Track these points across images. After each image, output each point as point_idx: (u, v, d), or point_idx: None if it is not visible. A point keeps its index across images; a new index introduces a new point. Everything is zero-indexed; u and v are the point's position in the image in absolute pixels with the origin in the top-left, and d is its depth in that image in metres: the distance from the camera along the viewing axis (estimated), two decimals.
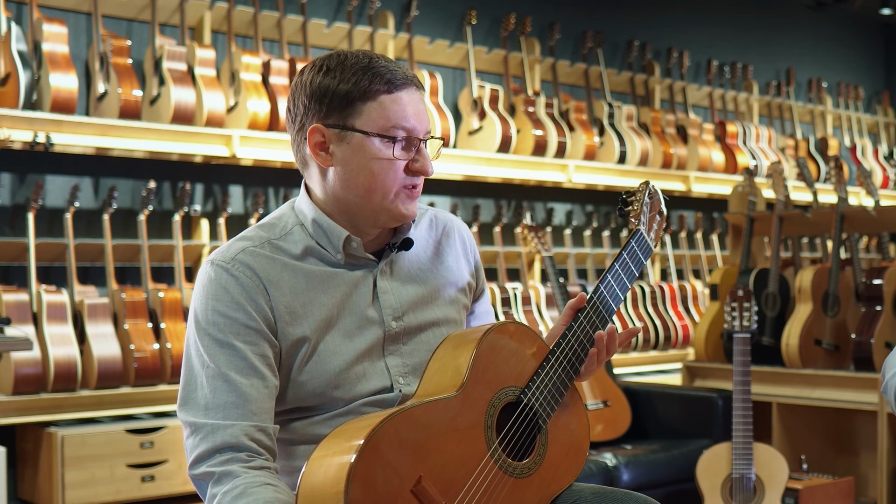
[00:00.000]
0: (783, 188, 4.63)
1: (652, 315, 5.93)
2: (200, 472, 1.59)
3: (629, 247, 1.85)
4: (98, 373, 4.04)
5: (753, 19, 7.82)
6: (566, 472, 1.73)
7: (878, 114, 8.62)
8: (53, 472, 3.87)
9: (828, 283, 4.28)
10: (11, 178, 4.38)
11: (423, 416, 1.55)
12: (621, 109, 6.22)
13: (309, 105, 1.68)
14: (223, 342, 1.62)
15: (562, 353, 1.73)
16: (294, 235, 1.72)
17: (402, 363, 1.71)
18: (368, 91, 1.66)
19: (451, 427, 1.58)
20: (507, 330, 1.70)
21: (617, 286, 1.81)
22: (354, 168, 1.67)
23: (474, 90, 5.58)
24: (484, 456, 1.60)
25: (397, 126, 1.67)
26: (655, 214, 1.95)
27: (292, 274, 1.68)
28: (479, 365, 1.64)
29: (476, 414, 1.61)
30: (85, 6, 4.51)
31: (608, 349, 1.77)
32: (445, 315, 1.78)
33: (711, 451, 3.75)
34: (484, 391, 1.63)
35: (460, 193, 5.89)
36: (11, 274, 4.31)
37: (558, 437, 1.71)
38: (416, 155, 1.70)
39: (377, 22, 5.42)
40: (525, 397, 1.67)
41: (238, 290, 1.64)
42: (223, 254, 1.68)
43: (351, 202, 1.69)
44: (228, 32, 4.81)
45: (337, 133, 1.67)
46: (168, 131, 4.41)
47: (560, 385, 1.71)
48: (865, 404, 4.05)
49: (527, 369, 1.70)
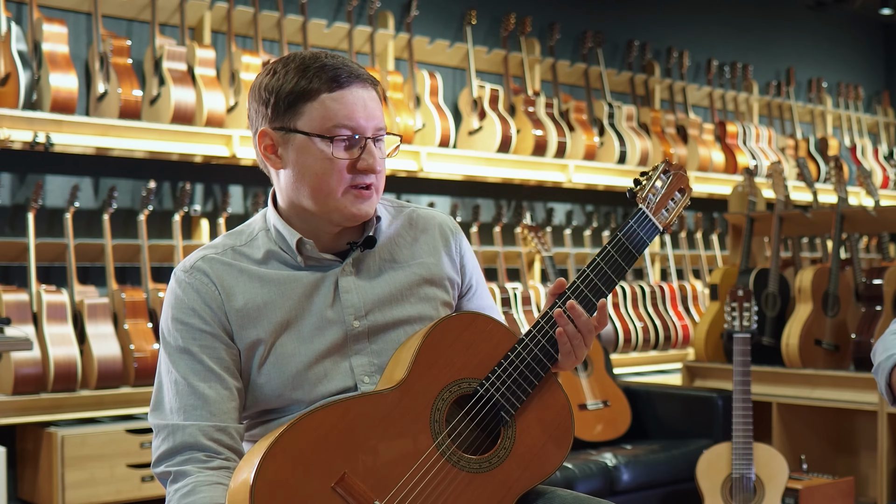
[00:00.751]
0: (783, 188, 4.63)
1: (652, 315, 5.93)
2: (160, 471, 1.63)
3: (627, 227, 1.76)
4: (98, 373, 4.04)
5: (753, 19, 7.82)
6: (540, 466, 1.65)
7: (878, 114, 8.61)
8: (53, 472, 3.87)
9: (828, 283, 4.28)
10: (11, 178, 4.38)
11: (347, 413, 1.54)
12: (621, 109, 6.22)
13: (258, 108, 1.69)
14: (182, 348, 1.66)
15: (531, 341, 1.67)
16: (258, 241, 1.74)
17: (368, 362, 1.69)
18: (308, 90, 1.64)
19: (387, 421, 1.56)
20: (461, 321, 1.67)
21: (610, 268, 1.73)
22: (300, 170, 1.67)
23: (474, 90, 5.58)
24: (428, 447, 1.57)
25: (339, 125, 1.65)
26: (674, 192, 1.85)
27: (248, 279, 1.69)
28: (425, 358, 1.61)
29: (419, 407, 1.59)
30: (85, 6, 4.51)
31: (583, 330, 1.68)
32: (419, 312, 1.74)
33: (711, 451, 3.75)
34: (430, 384, 1.61)
35: (460, 193, 5.89)
36: (11, 274, 4.31)
37: (529, 427, 1.66)
38: (361, 153, 1.67)
39: (377, 22, 5.42)
40: (482, 388, 1.63)
41: (194, 297, 1.68)
42: (184, 264, 1.72)
43: (304, 204, 1.69)
44: (228, 32, 4.81)
45: (282, 135, 1.67)
46: (168, 131, 4.41)
47: (529, 374, 1.65)
48: (865, 404, 4.05)
49: (488, 360, 1.66)
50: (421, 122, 5.31)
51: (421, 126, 5.31)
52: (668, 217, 1.82)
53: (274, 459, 1.47)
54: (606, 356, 4.42)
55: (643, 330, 5.83)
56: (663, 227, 1.82)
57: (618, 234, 1.75)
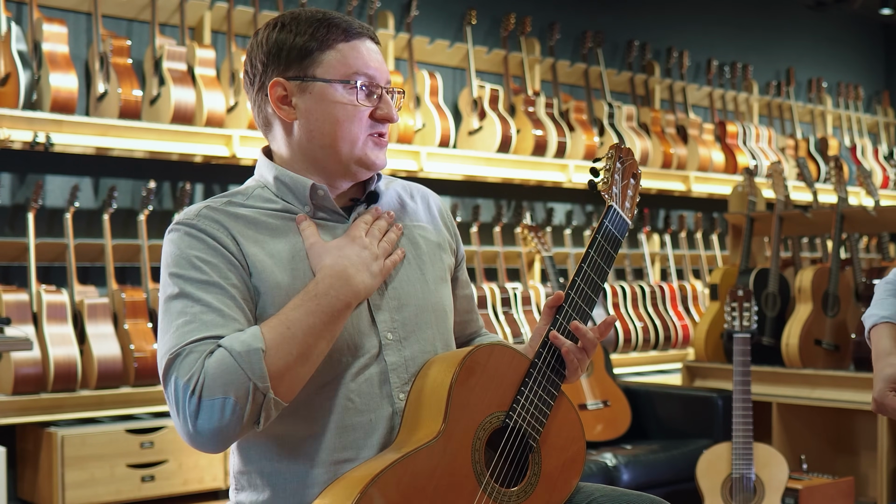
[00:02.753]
0: (783, 188, 4.63)
1: (652, 315, 5.93)
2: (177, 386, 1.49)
3: (603, 228, 1.74)
4: (98, 373, 4.04)
5: (753, 19, 7.82)
6: (566, 481, 1.69)
7: (878, 114, 8.61)
8: (53, 472, 3.87)
9: (828, 283, 4.28)
10: (11, 178, 4.38)
11: (407, 471, 1.52)
12: (621, 109, 6.22)
13: (267, 62, 1.66)
14: (211, 283, 1.55)
15: (543, 363, 1.67)
16: (257, 198, 1.67)
17: (390, 318, 1.66)
18: (326, 40, 1.64)
19: (438, 472, 1.54)
20: (482, 353, 1.64)
21: (595, 274, 1.73)
22: (319, 117, 1.64)
23: (474, 90, 5.58)
24: (476, 493, 1.57)
25: (358, 73, 1.64)
26: (629, 180, 1.81)
27: (256, 228, 1.63)
28: (458, 400, 1.59)
29: (462, 452, 1.57)
30: (85, 6, 4.51)
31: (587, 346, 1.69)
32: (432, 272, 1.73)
33: (711, 451, 3.75)
34: (466, 426, 1.59)
35: (460, 193, 5.89)
36: (11, 274, 4.32)
37: (552, 450, 1.68)
38: (379, 102, 1.67)
39: (377, 22, 5.42)
40: (511, 421, 1.63)
41: (210, 238, 1.58)
42: (185, 215, 1.63)
43: (318, 155, 1.66)
44: (228, 32, 4.81)
45: (298, 84, 1.64)
46: (168, 131, 4.41)
47: (546, 397, 1.66)
48: (865, 404, 4.04)
49: (509, 391, 1.65)
50: (421, 122, 5.32)
51: (421, 126, 5.31)
52: (630, 209, 1.81)
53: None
54: (606, 356, 4.42)
55: (643, 330, 5.83)
56: (630, 219, 1.80)
57: (597, 237, 1.74)
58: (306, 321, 1.52)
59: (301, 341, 1.51)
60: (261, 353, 1.47)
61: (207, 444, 1.49)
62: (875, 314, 2.11)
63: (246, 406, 1.46)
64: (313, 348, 1.53)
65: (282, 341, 1.50)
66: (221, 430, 1.47)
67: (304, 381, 1.54)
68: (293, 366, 1.50)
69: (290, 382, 1.51)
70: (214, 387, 1.46)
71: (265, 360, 1.48)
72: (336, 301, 1.56)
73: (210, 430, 1.47)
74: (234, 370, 1.46)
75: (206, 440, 1.48)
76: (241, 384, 1.46)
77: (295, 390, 1.53)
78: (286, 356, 1.50)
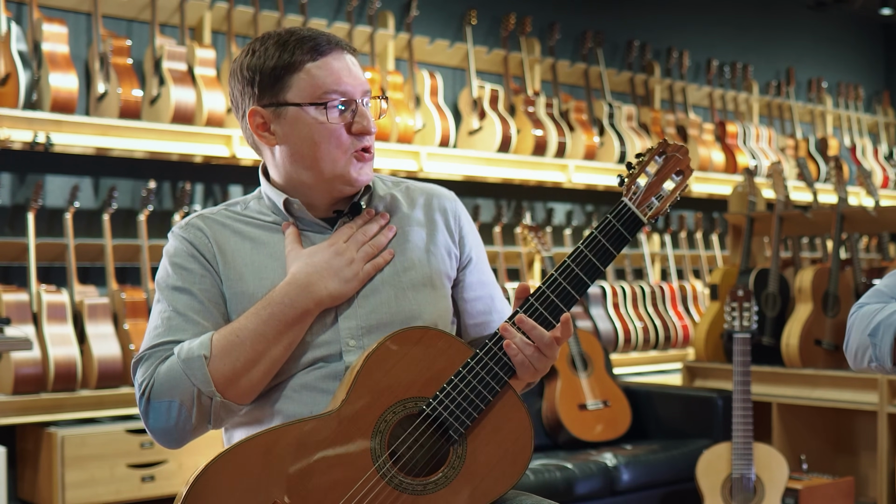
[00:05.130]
0: (783, 188, 4.63)
1: (652, 315, 5.93)
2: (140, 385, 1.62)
3: (605, 222, 1.65)
4: (98, 373, 4.04)
5: (753, 19, 7.82)
6: (495, 481, 1.58)
7: (878, 114, 8.61)
8: (53, 472, 3.87)
9: (828, 283, 4.28)
10: (11, 178, 4.38)
11: (281, 439, 1.52)
12: (621, 109, 6.22)
13: (244, 90, 1.69)
14: (182, 289, 1.66)
15: (487, 355, 1.59)
16: (252, 208, 1.77)
17: (356, 326, 1.66)
18: (292, 63, 1.65)
19: (325, 446, 1.52)
20: (409, 337, 1.59)
21: (582, 270, 1.62)
22: (297, 142, 1.67)
23: (474, 90, 5.58)
24: (366, 473, 1.53)
25: (328, 91, 1.66)
26: (668, 176, 1.68)
27: (240, 238, 1.71)
28: (367, 378, 1.55)
29: (360, 430, 1.54)
30: (85, 6, 4.51)
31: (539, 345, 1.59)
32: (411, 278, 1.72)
33: (711, 451, 3.75)
34: (373, 404, 1.55)
35: (460, 193, 5.84)
36: (11, 274, 4.31)
37: (483, 446, 1.58)
38: (354, 117, 1.68)
39: (377, 22, 5.42)
40: (428, 408, 1.56)
41: (189, 247, 1.69)
42: (179, 224, 1.75)
43: (303, 176, 1.69)
44: (228, 32, 4.81)
45: (273, 111, 1.67)
46: (168, 131, 4.41)
47: (483, 390, 1.57)
48: (865, 404, 4.05)
49: (437, 377, 1.58)
50: (421, 123, 5.32)
51: (421, 126, 5.31)
52: (657, 205, 1.67)
53: (204, 486, 1.47)
54: (606, 356, 4.42)
55: (643, 330, 5.83)
56: (649, 219, 1.66)
57: (593, 232, 1.64)
58: (256, 329, 1.59)
59: (249, 348, 1.59)
60: (203, 360, 1.57)
61: (162, 441, 1.62)
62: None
63: (192, 409, 1.57)
64: (264, 354, 1.59)
65: (229, 348, 1.58)
66: (170, 429, 1.59)
67: (261, 383, 1.61)
68: (241, 371, 1.58)
69: (242, 386, 1.59)
70: (161, 391, 1.58)
71: (209, 367, 1.57)
72: (290, 309, 1.61)
73: (160, 429, 1.60)
74: (179, 376, 1.57)
75: (159, 438, 1.61)
76: (186, 389, 1.57)
77: (251, 392, 1.60)
78: (232, 362, 1.58)
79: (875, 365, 1.96)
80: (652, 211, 1.67)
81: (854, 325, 1.99)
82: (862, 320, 1.97)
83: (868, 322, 1.96)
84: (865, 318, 1.97)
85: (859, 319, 1.98)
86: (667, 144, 1.71)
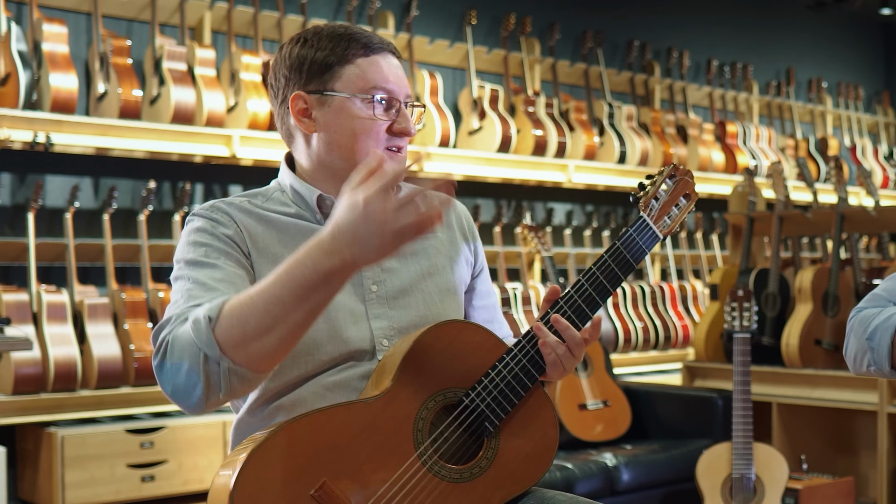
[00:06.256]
0: (783, 188, 4.63)
1: (652, 315, 5.93)
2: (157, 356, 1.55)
3: (627, 236, 1.73)
4: (98, 373, 4.04)
5: (753, 19, 7.82)
6: (522, 476, 1.64)
7: (878, 114, 8.61)
8: (53, 472, 3.87)
9: (828, 283, 4.28)
10: (11, 178, 4.38)
11: (332, 421, 1.52)
12: (621, 109, 6.22)
13: (289, 76, 1.72)
14: (205, 263, 1.62)
15: (521, 352, 1.65)
16: (275, 200, 1.75)
17: (388, 326, 1.69)
18: (345, 55, 1.69)
19: (370, 430, 1.54)
20: (451, 329, 1.64)
21: (605, 278, 1.70)
22: (337, 130, 1.69)
23: (474, 90, 5.58)
24: (409, 458, 1.56)
25: (376, 87, 1.70)
26: (678, 197, 1.80)
27: (267, 226, 1.70)
28: (414, 364, 1.59)
29: (403, 416, 1.57)
30: (85, 6, 4.51)
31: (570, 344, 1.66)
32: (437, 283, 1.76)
33: (711, 451, 3.75)
34: (416, 393, 1.58)
35: (460, 193, 5.85)
36: (11, 274, 4.32)
37: (513, 439, 1.64)
38: (397, 116, 1.72)
39: (377, 22, 5.42)
40: (467, 399, 1.61)
41: (219, 227, 1.67)
42: (202, 207, 1.71)
43: (336, 166, 1.71)
44: (228, 32, 4.81)
45: (318, 98, 1.70)
46: (168, 131, 4.41)
47: (517, 385, 1.63)
48: (865, 404, 4.05)
49: (476, 369, 1.63)
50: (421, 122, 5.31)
51: (421, 126, 5.30)
52: (670, 224, 1.79)
53: (257, 463, 1.46)
54: (606, 356, 4.42)
55: (643, 330, 5.83)
56: (664, 235, 1.78)
57: (616, 243, 1.73)
58: (272, 291, 1.44)
59: (262, 311, 1.44)
60: (208, 322, 1.46)
61: (179, 403, 1.53)
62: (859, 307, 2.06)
63: (200, 372, 1.47)
64: (280, 320, 1.44)
65: (240, 311, 1.46)
66: (181, 390, 1.50)
67: (277, 351, 1.48)
68: (252, 336, 1.45)
69: (253, 352, 1.46)
70: (173, 352, 1.50)
71: (216, 330, 1.46)
72: (312, 273, 1.42)
73: (172, 390, 1.52)
74: (188, 338, 1.49)
75: (175, 399, 1.53)
76: (193, 352, 1.47)
77: (266, 360, 1.48)
78: (242, 326, 1.45)
79: (874, 369, 1.96)
80: (666, 229, 1.80)
81: (853, 330, 2.00)
82: (860, 325, 1.98)
83: (866, 327, 1.96)
84: (863, 322, 1.97)
85: (857, 324, 1.99)
86: (676, 168, 1.82)
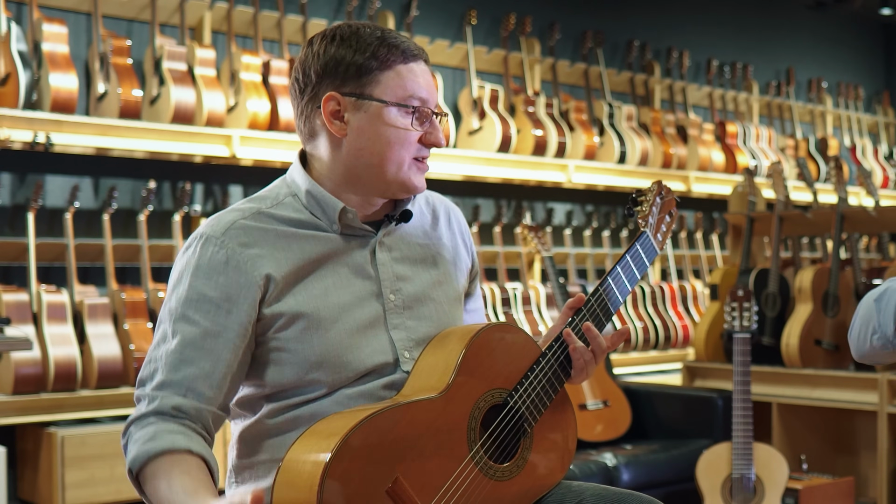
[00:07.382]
0: (783, 188, 4.63)
1: (652, 315, 5.93)
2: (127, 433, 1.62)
3: (633, 249, 1.84)
4: (98, 373, 4.04)
5: (753, 19, 7.82)
6: (548, 475, 1.71)
7: (878, 114, 8.61)
8: (53, 472, 3.87)
9: (828, 283, 4.28)
10: (11, 178, 4.38)
11: (404, 417, 1.54)
12: (621, 109, 6.22)
13: (323, 74, 1.66)
14: (195, 321, 1.61)
15: (553, 356, 1.71)
16: (286, 206, 1.69)
17: (406, 337, 1.69)
18: (386, 60, 1.65)
19: (433, 428, 1.57)
20: (499, 330, 1.69)
21: (617, 289, 1.80)
22: (370, 137, 1.66)
23: (474, 90, 5.58)
24: (465, 458, 1.59)
25: (413, 96, 1.67)
26: (665, 215, 1.94)
27: (286, 244, 1.65)
28: (468, 365, 1.62)
29: (459, 415, 1.60)
30: (85, 6, 4.51)
31: (596, 350, 1.74)
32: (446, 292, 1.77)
33: (711, 451, 3.75)
34: (470, 392, 1.62)
35: (460, 193, 5.89)
36: (11, 274, 4.31)
37: (543, 440, 1.70)
38: (430, 127, 1.69)
39: (377, 22, 5.42)
40: (511, 400, 1.65)
41: (220, 264, 1.62)
42: (213, 227, 1.65)
43: (362, 172, 1.67)
44: (228, 32, 4.81)
45: (353, 101, 1.65)
46: (168, 131, 4.41)
47: (549, 388, 1.70)
48: (865, 404, 4.05)
49: (516, 371, 1.68)
50: None
51: None
52: (661, 240, 1.93)
53: (343, 456, 1.46)
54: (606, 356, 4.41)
55: (643, 330, 5.83)
56: (660, 249, 1.92)
57: (626, 256, 1.83)
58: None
59: None
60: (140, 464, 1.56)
61: None
62: None
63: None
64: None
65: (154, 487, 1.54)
66: None
67: None
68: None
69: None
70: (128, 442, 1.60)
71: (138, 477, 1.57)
72: None
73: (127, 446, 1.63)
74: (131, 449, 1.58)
75: None
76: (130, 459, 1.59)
77: None
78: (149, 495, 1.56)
79: (877, 337, 1.92)
80: (659, 244, 1.93)
81: (862, 303, 2.00)
82: (870, 295, 1.99)
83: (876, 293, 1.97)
84: (874, 293, 1.98)
85: (868, 296, 1.99)
86: (662, 186, 1.95)
